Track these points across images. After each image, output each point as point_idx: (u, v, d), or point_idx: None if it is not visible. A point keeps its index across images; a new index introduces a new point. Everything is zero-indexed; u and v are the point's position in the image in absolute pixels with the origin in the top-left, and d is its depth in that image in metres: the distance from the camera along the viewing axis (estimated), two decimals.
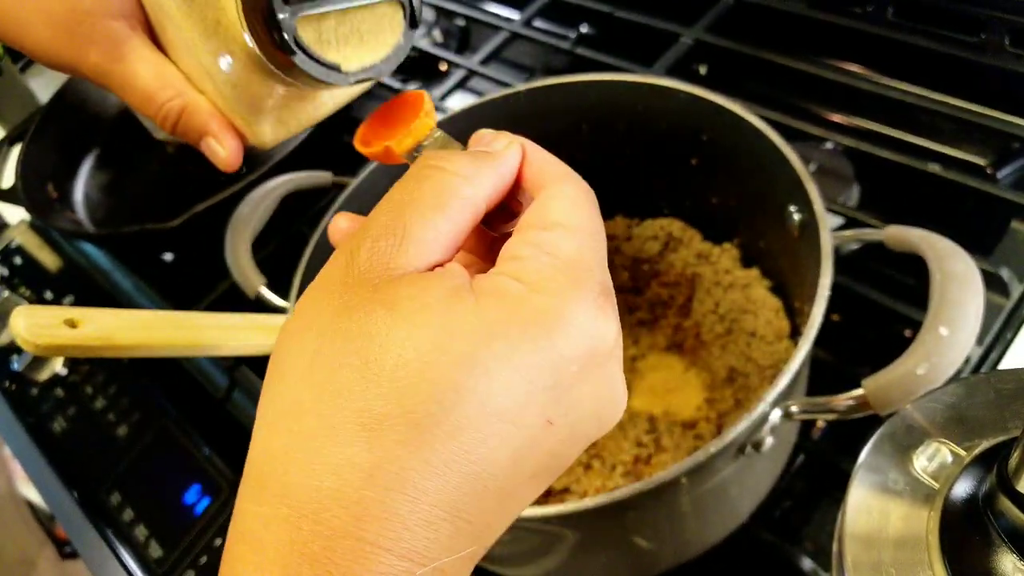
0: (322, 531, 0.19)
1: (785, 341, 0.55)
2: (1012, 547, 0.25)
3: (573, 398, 0.22)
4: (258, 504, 0.20)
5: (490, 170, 0.25)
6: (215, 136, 0.33)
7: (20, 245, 0.84)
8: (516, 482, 0.21)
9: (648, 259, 0.64)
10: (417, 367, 0.20)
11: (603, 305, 0.23)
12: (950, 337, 0.39)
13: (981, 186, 0.59)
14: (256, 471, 0.21)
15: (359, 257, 0.22)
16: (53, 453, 0.67)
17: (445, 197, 0.23)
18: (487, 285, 0.22)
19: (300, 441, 0.20)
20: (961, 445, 0.29)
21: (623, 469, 0.53)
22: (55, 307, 0.38)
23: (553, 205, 0.24)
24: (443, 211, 0.23)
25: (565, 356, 0.21)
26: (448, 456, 0.19)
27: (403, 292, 0.21)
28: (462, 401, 0.20)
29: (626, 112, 0.58)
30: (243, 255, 0.57)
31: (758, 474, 0.48)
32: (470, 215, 0.24)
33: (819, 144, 0.68)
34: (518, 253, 0.23)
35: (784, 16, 0.76)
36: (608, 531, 0.44)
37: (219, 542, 0.56)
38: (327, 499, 0.19)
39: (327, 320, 0.21)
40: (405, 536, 0.19)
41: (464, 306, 0.21)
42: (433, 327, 0.20)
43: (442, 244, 0.23)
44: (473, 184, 0.24)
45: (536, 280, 0.22)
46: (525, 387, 0.21)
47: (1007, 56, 0.65)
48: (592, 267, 0.23)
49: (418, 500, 0.19)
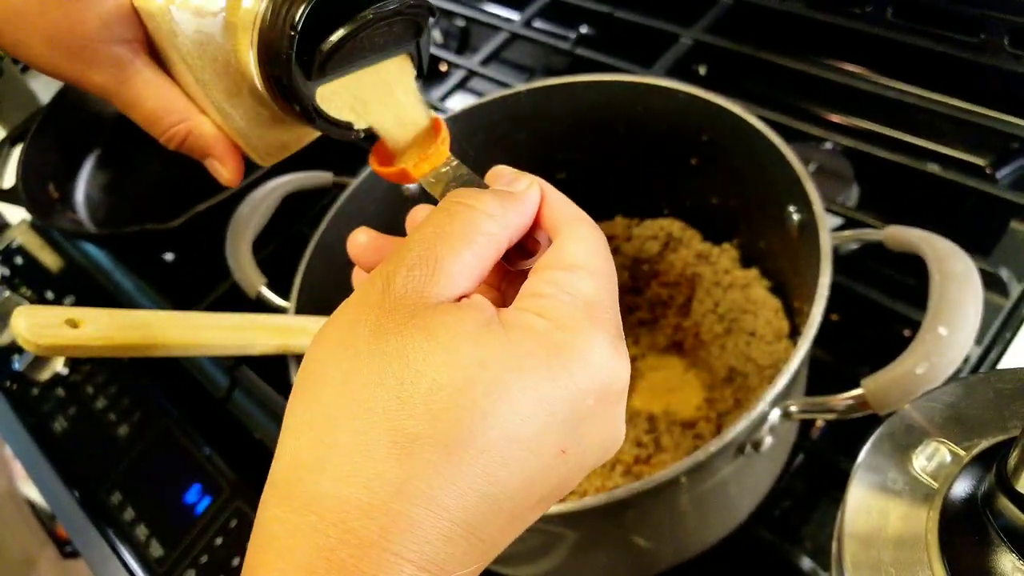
0: (350, 539, 0.20)
1: (784, 341, 0.55)
2: (1011, 546, 0.25)
3: (585, 431, 0.23)
4: (285, 511, 0.21)
5: (514, 210, 0.26)
6: (218, 158, 0.34)
7: (21, 245, 0.84)
8: (526, 505, 0.23)
9: (648, 259, 0.64)
10: (450, 392, 0.21)
11: (619, 345, 0.24)
12: (949, 337, 0.39)
13: (980, 186, 0.59)
14: (283, 480, 0.22)
15: (395, 283, 0.23)
16: (54, 453, 0.67)
17: (473, 233, 0.25)
18: (514, 319, 0.23)
19: (332, 454, 0.21)
20: (960, 445, 0.29)
21: (623, 469, 0.53)
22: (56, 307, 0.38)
23: (572, 247, 0.26)
24: (471, 246, 0.24)
25: (583, 391, 0.23)
26: (471, 477, 0.21)
27: (439, 320, 0.22)
28: (488, 427, 0.21)
29: (626, 112, 0.58)
30: (244, 255, 0.57)
31: (757, 474, 0.48)
32: (495, 251, 0.25)
33: (818, 144, 0.68)
34: (540, 291, 0.24)
35: (783, 16, 0.76)
36: (608, 530, 0.44)
37: (219, 541, 0.56)
38: (355, 509, 0.20)
39: (364, 340, 0.22)
40: (426, 549, 0.20)
41: (495, 338, 0.22)
42: (467, 356, 0.22)
43: (468, 277, 0.24)
44: (498, 222, 0.25)
45: (558, 317, 0.23)
46: (545, 418, 0.22)
47: (1006, 56, 0.65)
48: (608, 308, 0.25)
49: (440, 516, 0.20)
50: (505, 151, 0.61)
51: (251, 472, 0.58)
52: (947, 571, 0.26)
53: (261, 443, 0.60)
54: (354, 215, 0.57)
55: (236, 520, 0.56)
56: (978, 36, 0.66)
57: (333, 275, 0.56)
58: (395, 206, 0.60)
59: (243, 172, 0.34)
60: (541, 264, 0.26)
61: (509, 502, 0.22)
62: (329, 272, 0.55)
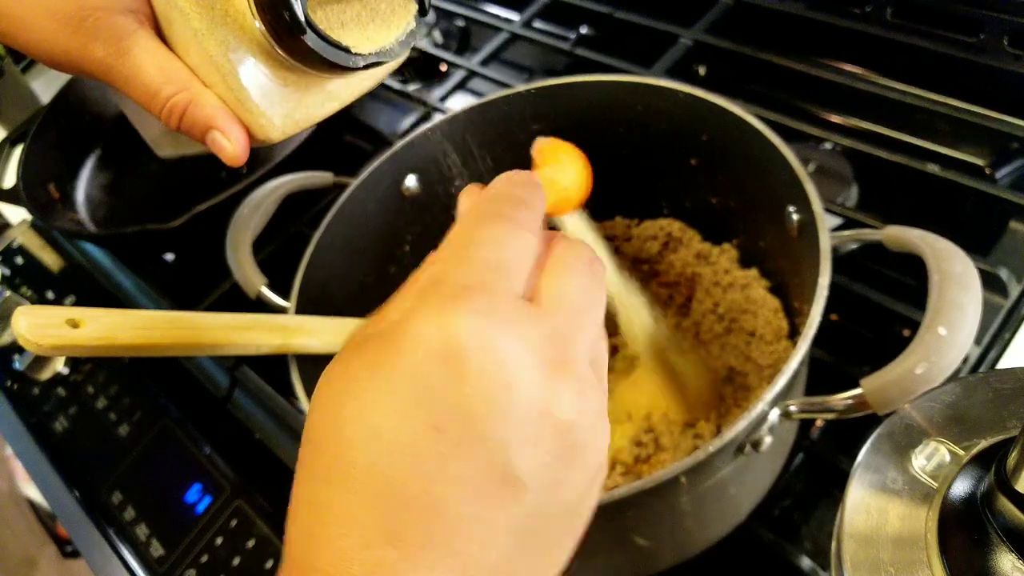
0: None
1: (784, 341, 0.55)
2: (1010, 546, 0.25)
3: (451, 398, 0.21)
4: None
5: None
6: (221, 130, 0.32)
7: (22, 245, 0.84)
8: (416, 483, 0.21)
9: (648, 259, 0.64)
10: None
11: (440, 303, 0.22)
12: (948, 337, 0.39)
13: (980, 186, 0.59)
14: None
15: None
16: (55, 452, 0.67)
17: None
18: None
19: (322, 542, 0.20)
20: (960, 444, 0.29)
21: (623, 468, 0.53)
22: (57, 307, 0.38)
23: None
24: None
25: (415, 362, 0.21)
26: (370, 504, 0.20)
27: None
28: (346, 447, 0.21)
29: (626, 113, 0.58)
30: (244, 255, 0.57)
31: (757, 473, 0.48)
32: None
33: (818, 144, 0.68)
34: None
35: (783, 17, 0.76)
36: (608, 530, 0.44)
37: (220, 541, 0.56)
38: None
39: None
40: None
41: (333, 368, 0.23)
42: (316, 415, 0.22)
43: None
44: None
45: (389, 309, 0.24)
46: (390, 404, 0.21)
47: (1006, 56, 0.65)
48: (444, 283, 0.23)
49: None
50: (505, 151, 0.61)
51: (251, 472, 0.58)
52: (946, 571, 0.26)
53: (261, 443, 0.59)
54: (354, 215, 0.57)
55: (236, 520, 0.56)
56: (978, 36, 0.66)
57: (333, 275, 0.56)
58: (395, 206, 0.61)
59: (247, 149, 0.33)
60: None
61: (401, 489, 0.20)
62: (329, 272, 0.55)
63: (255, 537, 0.55)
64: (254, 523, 0.55)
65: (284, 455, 0.58)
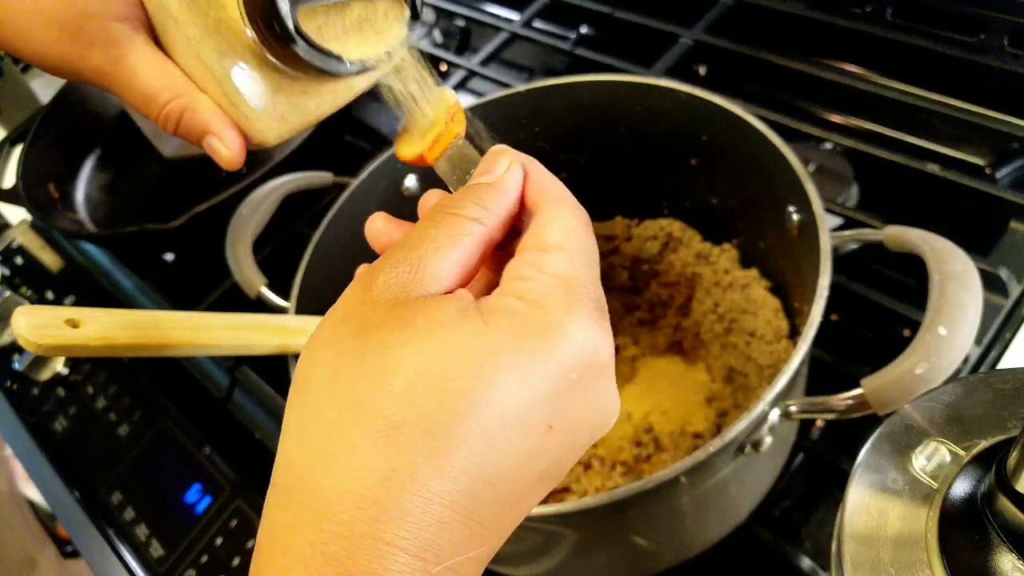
0: (342, 532, 0.20)
1: (784, 341, 0.55)
2: (1011, 546, 0.25)
3: (571, 406, 0.23)
4: (284, 510, 0.22)
5: (496, 203, 0.27)
6: (217, 135, 0.33)
7: (21, 245, 0.84)
8: (523, 486, 0.22)
9: (648, 259, 0.64)
10: (430, 378, 0.21)
11: (599, 319, 0.24)
12: (949, 337, 0.39)
13: (980, 186, 0.59)
14: (282, 480, 0.22)
15: (377, 282, 0.24)
16: (54, 452, 0.67)
17: (457, 233, 0.25)
18: (493, 304, 0.24)
19: (324, 450, 0.21)
20: (960, 444, 0.29)
21: (623, 468, 0.53)
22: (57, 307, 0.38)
23: (551, 227, 0.26)
24: (456, 244, 0.25)
25: (564, 366, 0.23)
26: (459, 460, 0.21)
27: (418, 311, 0.23)
28: (472, 409, 0.21)
29: (626, 113, 0.58)
30: (244, 255, 0.57)
31: (757, 473, 0.48)
32: (482, 246, 0.26)
33: (818, 144, 0.68)
34: (520, 273, 0.25)
35: (783, 17, 0.76)
36: (608, 530, 0.44)
37: (220, 541, 0.56)
38: (346, 502, 0.20)
39: (346, 338, 0.23)
40: (419, 536, 0.20)
41: (472, 324, 0.23)
42: (444, 341, 0.22)
43: (454, 272, 0.25)
44: (483, 222, 0.26)
45: (537, 298, 0.24)
46: (527, 394, 0.22)
47: (1006, 56, 0.65)
48: (587, 284, 0.25)
49: (431, 501, 0.20)
50: None
51: (251, 472, 0.58)
52: (946, 571, 0.26)
53: (261, 443, 0.60)
54: (354, 215, 0.57)
55: (236, 520, 0.56)
56: (978, 36, 0.66)
57: (333, 275, 0.56)
58: (395, 206, 0.60)
59: (244, 153, 0.33)
60: (522, 246, 0.26)
61: (504, 483, 0.22)
62: (329, 272, 0.55)
63: (255, 537, 0.55)
64: (254, 523, 0.55)
65: None
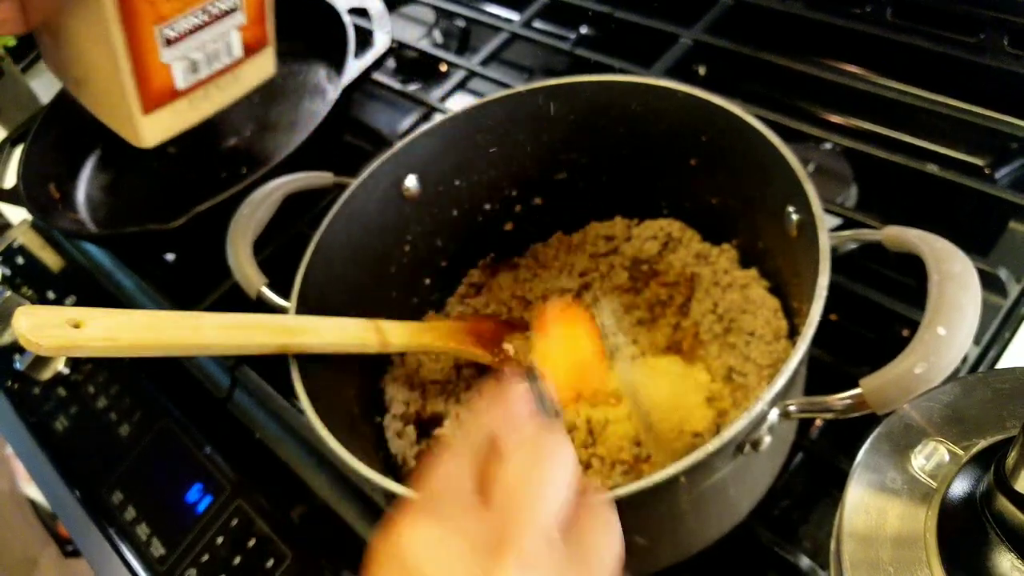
0: None
1: (783, 341, 0.55)
2: (1010, 546, 0.25)
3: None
4: None
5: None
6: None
7: (22, 245, 0.84)
8: None
9: (647, 259, 0.64)
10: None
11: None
12: (948, 337, 0.39)
13: (979, 186, 0.59)
14: None
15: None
16: (55, 452, 0.67)
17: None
18: None
19: None
20: (959, 444, 0.29)
21: (622, 468, 0.53)
22: (58, 307, 0.38)
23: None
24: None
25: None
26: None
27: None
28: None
29: (625, 113, 0.58)
30: (244, 255, 0.57)
31: (756, 473, 0.48)
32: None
33: (818, 145, 0.68)
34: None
35: (783, 17, 0.76)
36: None
37: (220, 541, 0.56)
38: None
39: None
40: None
41: None
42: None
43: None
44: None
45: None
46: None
47: (1006, 56, 0.65)
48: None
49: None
50: (505, 151, 0.61)
51: (252, 472, 0.58)
52: (945, 570, 0.26)
53: (261, 443, 0.59)
54: (354, 215, 0.58)
55: (237, 519, 0.56)
56: (978, 36, 0.66)
57: (333, 275, 0.56)
58: (395, 206, 0.61)
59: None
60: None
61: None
62: (329, 272, 0.55)
63: (255, 536, 0.55)
64: (254, 522, 0.56)
65: (284, 455, 0.58)
